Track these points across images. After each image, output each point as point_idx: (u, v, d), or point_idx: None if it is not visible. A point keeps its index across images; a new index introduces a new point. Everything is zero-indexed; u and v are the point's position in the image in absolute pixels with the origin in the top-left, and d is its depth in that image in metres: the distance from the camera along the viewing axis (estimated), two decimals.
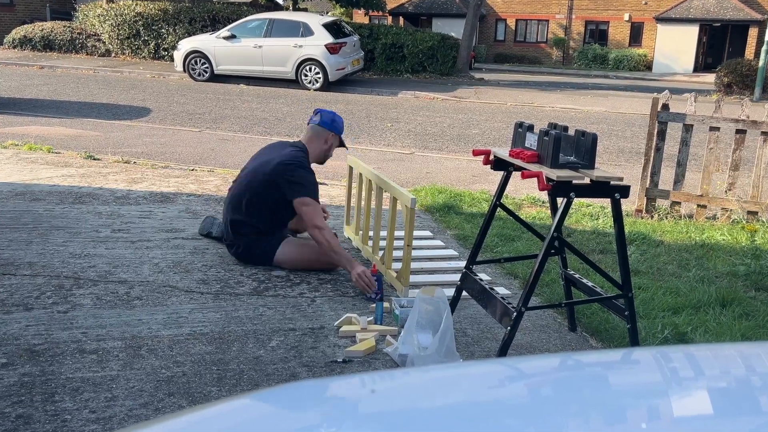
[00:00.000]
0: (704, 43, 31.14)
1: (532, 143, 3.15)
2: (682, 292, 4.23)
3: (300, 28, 15.88)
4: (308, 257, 4.26)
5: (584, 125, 11.86)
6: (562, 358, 1.70)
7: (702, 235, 5.64)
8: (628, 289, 3.15)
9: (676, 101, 6.90)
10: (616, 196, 3.03)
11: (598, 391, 1.27)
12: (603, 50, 31.34)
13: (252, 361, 3.12)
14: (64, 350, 3.11)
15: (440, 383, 1.32)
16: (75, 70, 16.98)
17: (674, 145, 7.71)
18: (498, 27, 33.90)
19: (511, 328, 3.00)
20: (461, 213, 5.86)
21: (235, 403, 1.25)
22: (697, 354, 1.50)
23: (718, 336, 3.64)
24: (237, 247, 4.31)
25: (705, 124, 6.16)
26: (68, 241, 4.56)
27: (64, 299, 3.66)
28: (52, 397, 2.73)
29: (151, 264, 4.25)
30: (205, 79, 16.13)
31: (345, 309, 3.76)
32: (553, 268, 4.41)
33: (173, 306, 3.67)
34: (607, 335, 3.65)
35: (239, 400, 1.28)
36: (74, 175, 6.40)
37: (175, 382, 2.90)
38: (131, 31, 19.30)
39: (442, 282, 4.19)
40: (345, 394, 1.27)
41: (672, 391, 1.28)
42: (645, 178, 6.33)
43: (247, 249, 4.29)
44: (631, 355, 1.64)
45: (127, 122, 10.34)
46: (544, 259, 3.04)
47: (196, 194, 5.98)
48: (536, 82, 21.37)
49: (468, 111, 13.78)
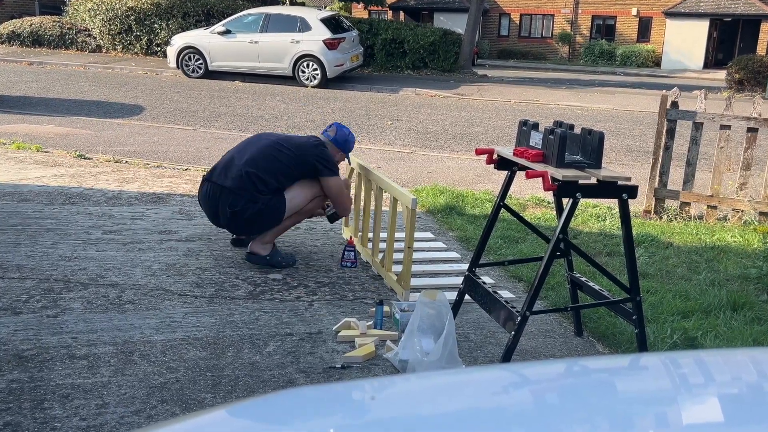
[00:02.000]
0: (715, 39, 31.16)
1: (537, 142, 3.15)
2: (692, 296, 4.23)
3: (297, 23, 15.88)
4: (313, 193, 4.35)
5: (591, 123, 11.87)
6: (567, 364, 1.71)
7: (712, 236, 5.64)
8: (636, 292, 3.15)
9: (685, 98, 6.92)
10: (624, 196, 3.03)
11: (605, 399, 1.27)
12: (610, 46, 31.37)
13: (248, 367, 3.12)
14: (53, 356, 3.11)
15: (442, 390, 1.32)
16: (65, 67, 16.99)
17: (684, 143, 7.71)
18: (502, 22, 33.93)
19: (515, 332, 3.00)
20: (464, 214, 5.86)
21: (230, 411, 1.25)
22: (707, 360, 1.51)
23: (729, 341, 3.64)
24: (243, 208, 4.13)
25: (715, 122, 6.16)
26: (58, 243, 4.56)
27: (54, 303, 3.67)
28: (41, 404, 2.73)
29: (143, 267, 4.25)
30: (199, 75, 16.13)
31: (344, 313, 3.76)
32: (558, 271, 4.41)
33: (166, 310, 3.67)
34: (614, 340, 3.65)
35: (234, 408, 1.28)
36: (64, 175, 6.40)
37: (169, 389, 2.90)
38: (123, 26, 19.29)
39: (444, 285, 4.19)
40: (344, 402, 1.28)
41: (681, 398, 1.28)
42: (653, 178, 6.34)
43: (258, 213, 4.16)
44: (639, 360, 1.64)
45: (118, 120, 10.34)
46: (550, 262, 3.04)
47: (190, 195, 5.98)
48: (541, 78, 21.39)
49: (471, 108, 13.79)
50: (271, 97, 13.71)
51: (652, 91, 18.20)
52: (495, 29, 33.98)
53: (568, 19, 32.99)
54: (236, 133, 9.89)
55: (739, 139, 7.34)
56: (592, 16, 32.75)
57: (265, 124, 10.75)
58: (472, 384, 1.36)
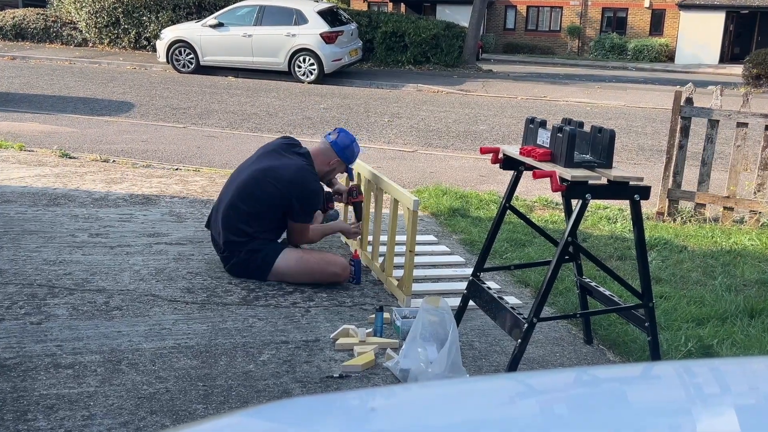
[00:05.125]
0: (731, 32, 31.18)
1: (545, 140, 3.16)
2: (708, 302, 4.23)
3: (293, 16, 15.90)
4: (314, 265, 4.17)
5: (601, 121, 11.88)
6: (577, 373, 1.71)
7: (729, 239, 5.64)
8: (648, 298, 3.15)
9: (700, 95, 6.92)
10: (636, 197, 3.03)
11: (616, 410, 1.27)
12: (621, 39, 31.39)
13: (241, 377, 3.12)
14: (37, 364, 3.11)
15: (445, 400, 1.33)
16: (49, 61, 17.00)
17: (698, 142, 7.71)
18: (508, 14, 33.96)
19: (521, 340, 3.00)
20: (468, 216, 5.87)
21: (222, 422, 1.26)
22: (723, 369, 1.51)
23: (746, 349, 3.64)
24: (232, 259, 4.21)
25: (732, 120, 6.16)
26: (42, 247, 4.57)
27: (38, 309, 3.67)
28: (24, 415, 2.73)
29: (131, 271, 4.26)
30: (190, 70, 16.15)
31: (342, 320, 3.77)
32: (567, 276, 4.41)
33: (156, 317, 3.67)
34: (625, 348, 3.65)
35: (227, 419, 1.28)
36: (48, 175, 6.41)
37: (158, 399, 2.90)
38: (110, 19, 19.32)
39: (447, 291, 4.19)
40: (342, 412, 1.28)
41: (697, 409, 1.29)
42: (667, 178, 6.34)
43: (245, 261, 4.18)
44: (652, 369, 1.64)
45: (105, 118, 10.35)
46: (558, 266, 3.04)
47: (181, 196, 5.99)
48: (549, 74, 21.41)
49: (475, 105, 13.80)
50: (265, 94, 13.72)
51: (665, 86, 18.22)
52: (501, 22, 34.01)
53: (577, 12, 33.02)
54: (229, 131, 9.90)
55: (756, 138, 7.35)
56: (602, 9, 32.78)
57: (260, 121, 10.76)
58: (476, 394, 1.36)
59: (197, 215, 5.42)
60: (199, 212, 5.50)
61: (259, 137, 9.00)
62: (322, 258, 4.24)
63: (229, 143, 8.96)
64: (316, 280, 4.19)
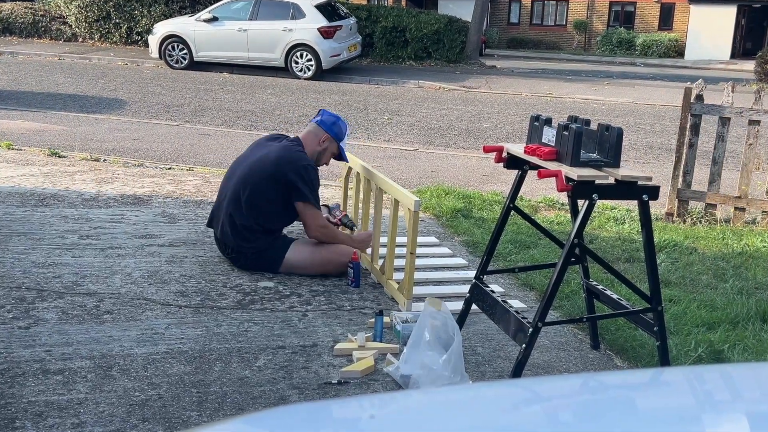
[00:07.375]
0: (743, 27, 31.18)
1: (550, 138, 3.16)
2: (718, 306, 4.23)
3: (290, 10, 15.90)
4: (324, 257, 4.33)
5: (608, 118, 11.88)
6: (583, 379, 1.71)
7: (740, 241, 5.64)
8: (657, 302, 3.15)
9: (711, 91, 6.93)
10: (644, 197, 3.03)
11: (623, 417, 1.27)
12: (629, 34, 31.38)
13: (236, 383, 3.12)
14: (25, 370, 3.12)
15: (447, 407, 1.33)
16: (38, 57, 17.01)
17: (709, 140, 7.71)
18: (512, 8, 33.95)
19: (526, 345, 3.00)
20: (470, 217, 5.87)
21: (217, 430, 1.26)
22: (734, 375, 1.51)
23: (758, 354, 3.65)
24: (240, 260, 4.38)
25: (744, 117, 6.17)
26: (30, 249, 4.57)
27: (26, 313, 3.67)
28: (12, 422, 2.73)
29: (123, 274, 4.26)
30: (183, 66, 16.15)
31: (340, 324, 3.77)
32: (573, 279, 4.41)
33: (148, 321, 3.67)
34: (633, 354, 3.65)
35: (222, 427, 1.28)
36: (37, 175, 6.41)
37: (150, 406, 2.90)
38: (101, 13, 19.32)
39: (449, 294, 4.19)
40: (340, 420, 1.28)
41: (707, 416, 1.29)
42: (676, 178, 6.34)
43: (257, 254, 4.34)
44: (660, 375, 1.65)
45: (96, 115, 10.36)
46: (564, 269, 3.04)
47: (174, 196, 5.99)
48: (554, 70, 21.41)
49: (478, 102, 13.81)
50: (261, 90, 13.73)
51: (674, 83, 18.22)
52: (504, 16, 33.99)
53: (583, 6, 33.01)
54: (223, 128, 9.91)
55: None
56: (609, 2, 32.77)
57: (255, 119, 10.76)
58: (479, 401, 1.36)
59: (191, 216, 5.42)
60: (193, 213, 5.50)
61: (254, 135, 8.98)
62: (335, 248, 4.37)
63: (224, 141, 8.96)
64: (328, 271, 4.36)
